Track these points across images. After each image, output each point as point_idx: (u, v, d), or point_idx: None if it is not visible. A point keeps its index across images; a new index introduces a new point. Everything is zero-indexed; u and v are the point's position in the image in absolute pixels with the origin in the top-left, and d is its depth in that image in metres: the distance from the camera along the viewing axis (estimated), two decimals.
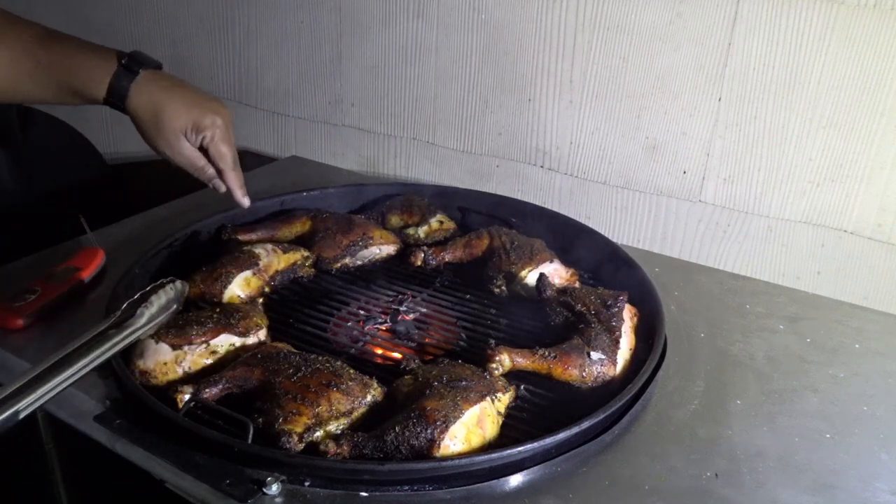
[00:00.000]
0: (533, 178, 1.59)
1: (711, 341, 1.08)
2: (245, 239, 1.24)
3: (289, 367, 0.88)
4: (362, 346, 1.04)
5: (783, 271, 1.40)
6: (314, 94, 1.80)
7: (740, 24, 1.29)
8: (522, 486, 0.79)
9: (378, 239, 1.26)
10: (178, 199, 1.46)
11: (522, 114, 1.55)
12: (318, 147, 1.86)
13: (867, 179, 1.28)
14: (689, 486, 0.80)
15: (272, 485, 0.74)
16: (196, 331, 0.93)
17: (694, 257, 1.46)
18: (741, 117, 1.34)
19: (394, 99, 1.69)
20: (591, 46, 1.42)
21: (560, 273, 1.17)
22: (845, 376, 1.01)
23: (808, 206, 1.34)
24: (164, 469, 0.77)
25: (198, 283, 1.08)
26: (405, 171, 1.75)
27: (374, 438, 0.79)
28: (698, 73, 1.35)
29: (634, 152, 1.46)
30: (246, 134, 1.96)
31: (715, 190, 1.41)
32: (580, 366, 0.94)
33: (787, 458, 0.85)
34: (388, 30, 1.63)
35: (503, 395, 0.89)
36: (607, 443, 0.86)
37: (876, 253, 1.31)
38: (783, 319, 1.14)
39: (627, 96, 1.43)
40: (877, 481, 0.82)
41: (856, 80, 1.23)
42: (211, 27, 1.87)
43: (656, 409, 0.92)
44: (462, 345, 1.05)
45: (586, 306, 1.03)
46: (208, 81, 1.93)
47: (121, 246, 1.26)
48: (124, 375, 0.87)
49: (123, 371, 0.87)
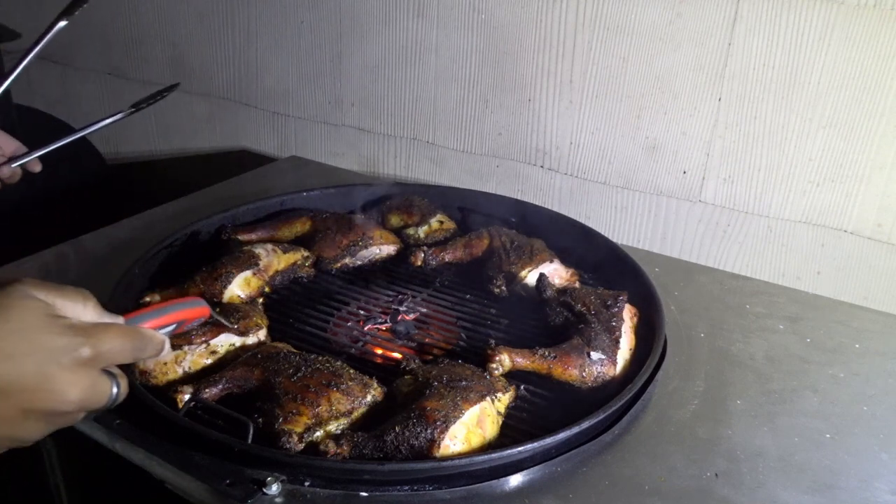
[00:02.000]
0: (533, 178, 1.59)
1: (711, 341, 1.08)
2: (245, 239, 1.24)
3: (289, 367, 0.88)
4: (362, 346, 1.04)
5: (783, 271, 1.40)
6: (314, 94, 1.80)
7: (740, 24, 1.29)
8: (522, 486, 0.79)
9: (378, 239, 1.26)
10: (178, 199, 1.46)
11: (522, 114, 1.55)
12: (318, 147, 1.85)
13: (867, 179, 1.28)
14: (689, 486, 0.80)
15: (272, 485, 0.74)
16: (196, 330, 0.93)
17: (694, 257, 1.46)
18: (741, 117, 1.34)
19: (394, 99, 1.69)
20: (591, 46, 1.42)
21: (560, 273, 1.17)
22: (845, 376, 1.01)
23: (808, 206, 1.34)
24: (164, 469, 0.77)
25: (198, 283, 1.08)
26: (405, 171, 1.75)
27: (374, 438, 0.79)
28: (698, 73, 1.35)
29: (634, 152, 1.46)
30: (246, 134, 1.96)
31: (715, 190, 1.41)
32: (580, 366, 0.94)
33: (787, 458, 0.85)
34: (388, 30, 1.63)
35: (503, 395, 0.89)
36: (607, 443, 0.86)
37: (876, 253, 1.31)
38: (783, 319, 1.14)
39: (627, 96, 1.43)
40: (877, 481, 0.82)
41: (856, 80, 1.23)
42: (211, 27, 1.87)
43: (656, 409, 0.92)
44: (462, 345, 1.05)
45: (586, 306, 1.03)
46: (208, 81, 1.93)
47: (121, 246, 1.26)
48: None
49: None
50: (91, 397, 0.59)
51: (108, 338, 0.60)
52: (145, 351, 0.64)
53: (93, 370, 0.59)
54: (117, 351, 0.61)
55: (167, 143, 2.06)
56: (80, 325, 0.60)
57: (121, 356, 0.61)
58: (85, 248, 1.27)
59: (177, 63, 1.95)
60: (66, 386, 0.57)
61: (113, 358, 0.61)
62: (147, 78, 2.01)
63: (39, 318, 0.57)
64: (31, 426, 0.58)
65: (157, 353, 0.66)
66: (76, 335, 0.58)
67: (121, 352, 0.61)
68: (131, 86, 2.04)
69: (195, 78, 1.95)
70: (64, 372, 0.57)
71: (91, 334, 0.59)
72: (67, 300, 0.61)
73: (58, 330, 0.58)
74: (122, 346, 0.61)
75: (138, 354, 0.64)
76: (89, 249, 1.26)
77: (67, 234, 1.29)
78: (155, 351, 0.66)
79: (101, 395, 0.60)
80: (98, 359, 0.59)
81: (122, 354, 0.61)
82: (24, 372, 0.55)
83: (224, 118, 1.96)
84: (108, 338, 0.60)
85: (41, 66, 2.18)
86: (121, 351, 0.61)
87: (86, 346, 0.58)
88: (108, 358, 0.60)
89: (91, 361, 0.58)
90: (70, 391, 0.57)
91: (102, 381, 0.60)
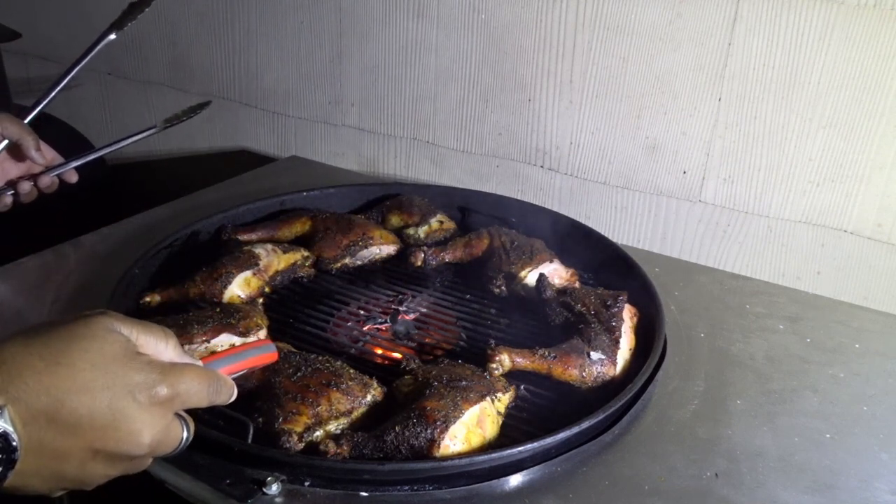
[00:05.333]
0: (533, 178, 1.59)
1: (711, 341, 1.08)
2: (245, 239, 1.24)
3: (289, 367, 0.88)
4: (362, 346, 1.04)
5: (783, 271, 1.40)
6: (314, 94, 1.80)
7: (740, 24, 1.29)
8: (522, 485, 0.79)
9: (378, 239, 1.26)
10: (178, 199, 1.46)
11: (522, 114, 1.55)
12: (318, 147, 1.86)
13: (867, 179, 1.28)
14: (689, 486, 0.80)
15: (272, 485, 0.74)
16: (196, 330, 0.93)
17: (694, 257, 1.46)
18: (741, 117, 1.34)
19: (394, 99, 1.69)
20: (591, 46, 1.42)
21: (560, 273, 1.17)
22: (845, 376, 1.01)
23: (808, 206, 1.34)
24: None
25: (198, 283, 1.08)
26: (405, 171, 1.75)
27: (374, 438, 0.79)
28: (698, 73, 1.35)
29: (634, 152, 1.46)
30: (246, 134, 1.96)
31: (715, 190, 1.41)
32: (580, 366, 0.94)
33: (787, 458, 0.85)
34: (388, 30, 1.63)
35: (503, 395, 0.89)
36: (607, 443, 0.86)
37: (876, 253, 1.31)
38: (783, 319, 1.14)
39: (627, 96, 1.43)
40: (877, 481, 0.82)
41: (856, 80, 1.23)
42: (211, 27, 1.87)
43: (656, 409, 0.92)
44: (462, 345, 1.05)
45: (586, 306, 1.03)
46: (208, 81, 1.93)
47: (121, 246, 1.26)
48: None
49: None
50: (163, 440, 0.56)
51: (186, 379, 0.58)
52: (220, 396, 0.62)
53: (168, 412, 0.57)
54: (193, 393, 0.58)
55: (167, 143, 2.06)
56: (160, 363, 0.58)
57: (196, 399, 0.59)
58: (85, 248, 1.27)
59: (177, 63, 1.95)
60: (140, 426, 0.54)
61: (189, 400, 0.58)
62: (147, 78, 2.01)
63: (120, 353, 0.55)
64: (97, 468, 0.55)
65: (228, 399, 0.63)
66: (155, 373, 0.56)
67: (197, 394, 0.59)
68: (131, 86, 2.04)
69: (195, 78, 1.95)
70: (140, 410, 0.54)
71: (170, 373, 0.57)
72: (150, 337, 0.59)
73: (137, 365, 0.55)
74: (198, 389, 0.59)
75: (213, 399, 0.61)
76: (89, 249, 1.26)
77: (67, 234, 1.29)
78: (228, 397, 0.63)
79: (172, 439, 0.58)
80: (174, 400, 0.57)
81: (198, 397, 0.59)
82: (98, 406, 0.53)
83: (224, 118, 1.96)
84: (186, 379, 0.58)
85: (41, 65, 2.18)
86: (197, 393, 0.59)
87: (163, 384, 0.56)
88: (183, 400, 0.58)
89: (167, 402, 0.56)
90: (144, 432, 0.55)
91: (175, 424, 0.58)
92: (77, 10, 2.03)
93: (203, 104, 1.21)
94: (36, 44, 2.14)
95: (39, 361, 0.52)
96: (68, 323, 0.56)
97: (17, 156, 1.10)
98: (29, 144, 1.07)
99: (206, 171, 2.03)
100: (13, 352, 0.52)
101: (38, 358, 0.52)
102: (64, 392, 0.52)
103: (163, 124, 1.17)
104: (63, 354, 0.53)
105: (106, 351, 0.55)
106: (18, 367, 0.51)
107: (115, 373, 0.54)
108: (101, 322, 0.56)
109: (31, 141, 1.08)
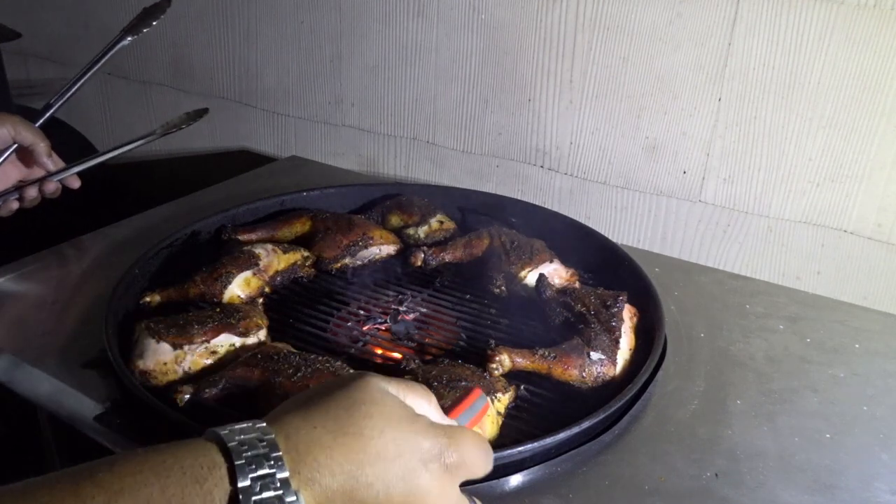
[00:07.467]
0: (533, 178, 1.59)
1: (711, 341, 1.08)
2: (245, 239, 1.24)
3: (289, 367, 0.87)
4: (362, 346, 1.04)
5: (783, 271, 1.40)
6: (314, 94, 1.80)
7: (740, 24, 1.29)
8: (522, 486, 0.79)
9: (378, 239, 1.26)
10: (178, 199, 1.46)
11: (522, 114, 1.55)
12: (318, 147, 1.86)
13: (867, 179, 1.28)
14: (689, 486, 0.80)
15: None
16: (196, 330, 0.93)
17: (694, 257, 1.46)
18: (741, 117, 1.34)
19: (394, 99, 1.69)
20: (591, 46, 1.43)
21: (560, 273, 1.17)
22: (845, 376, 1.01)
23: (808, 206, 1.34)
24: None
25: (198, 283, 1.08)
26: (405, 171, 1.75)
27: None
28: (698, 73, 1.35)
29: (634, 152, 1.46)
30: (246, 134, 1.96)
31: (715, 190, 1.41)
32: (580, 366, 0.94)
33: (787, 458, 0.85)
34: (388, 30, 1.63)
35: (503, 395, 0.89)
36: (607, 443, 0.86)
37: (876, 253, 1.31)
38: (783, 319, 1.14)
39: (627, 96, 1.43)
40: (877, 481, 0.82)
41: (856, 80, 1.23)
42: (211, 27, 1.87)
43: (656, 409, 0.92)
44: (462, 345, 1.05)
45: (586, 306, 1.03)
46: (208, 81, 1.93)
47: (121, 246, 1.26)
48: (124, 375, 0.87)
49: (123, 371, 0.87)
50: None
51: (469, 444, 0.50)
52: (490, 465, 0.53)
53: (456, 482, 0.50)
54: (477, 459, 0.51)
55: (167, 144, 2.06)
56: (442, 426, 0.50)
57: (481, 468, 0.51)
58: (85, 248, 1.27)
59: (177, 63, 1.95)
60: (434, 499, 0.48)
61: (474, 469, 0.51)
62: (147, 78, 2.01)
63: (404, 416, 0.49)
64: None
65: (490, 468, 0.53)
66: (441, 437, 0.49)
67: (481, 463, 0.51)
68: (131, 86, 2.04)
69: (195, 78, 1.95)
70: (432, 480, 0.48)
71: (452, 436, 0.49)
72: (416, 397, 0.53)
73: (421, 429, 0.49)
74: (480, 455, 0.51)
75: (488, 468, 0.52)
76: (89, 249, 1.26)
77: (67, 234, 1.29)
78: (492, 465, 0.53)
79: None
80: (461, 468, 0.50)
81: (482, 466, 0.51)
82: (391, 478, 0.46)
83: (224, 118, 1.96)
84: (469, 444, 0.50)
85: (40, 65, 2.18)
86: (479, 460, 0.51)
87: (451, 449, 0.49)
88: (469, 469, 0.50)
89: (456, 471, 0.49)
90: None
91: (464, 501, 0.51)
92: (77, 11, 2.03)
93: (201, 112, 1.20)
94: (36, 44, 2.14)
95: (326, 435, 0.46)
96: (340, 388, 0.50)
97: (24, 160, 1.10)
98: (41, 151, 1.07)
99: (206, 171, 2.03)
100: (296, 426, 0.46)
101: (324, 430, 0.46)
102: (357, 465, 0.46)
103: (161, 131, 1.17)
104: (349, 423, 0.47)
105: (390, 415, 0.48)
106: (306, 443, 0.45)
107: (404, 439, 0.48)
108: (374, 383, 0.50)
109: (43, 147, 1.07)
